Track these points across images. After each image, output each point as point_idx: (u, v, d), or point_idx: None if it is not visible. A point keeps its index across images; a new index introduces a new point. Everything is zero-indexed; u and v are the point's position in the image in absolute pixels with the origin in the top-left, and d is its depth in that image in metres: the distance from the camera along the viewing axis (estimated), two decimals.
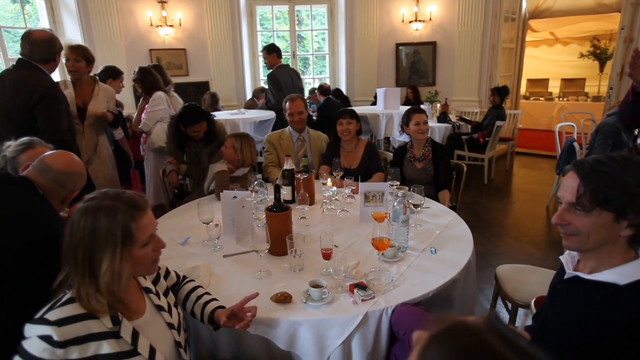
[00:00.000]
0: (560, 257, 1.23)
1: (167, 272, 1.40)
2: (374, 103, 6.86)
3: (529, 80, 10.22)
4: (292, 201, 2.37)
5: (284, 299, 1.43)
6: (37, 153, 1.63)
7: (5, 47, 6.27)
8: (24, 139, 1.75)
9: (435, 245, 1.85)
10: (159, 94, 3.62)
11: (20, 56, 2.60)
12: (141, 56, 6.69)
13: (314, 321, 1.35)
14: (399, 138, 4.81)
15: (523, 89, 9.30)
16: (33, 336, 0.97)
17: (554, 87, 10.24)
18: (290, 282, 1.57)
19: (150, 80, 3.67)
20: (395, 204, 1.83)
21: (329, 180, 2.50)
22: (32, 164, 1.48)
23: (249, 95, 7.32)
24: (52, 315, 0.98)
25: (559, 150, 4.32)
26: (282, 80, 4.73)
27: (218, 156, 2.85)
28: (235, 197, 1.97)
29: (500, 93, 5.48)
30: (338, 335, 1.36)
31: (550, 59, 10.43)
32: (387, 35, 7.39)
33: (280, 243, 1.69)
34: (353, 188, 2.31)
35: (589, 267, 1.10)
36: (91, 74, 3.26)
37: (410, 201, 2.01)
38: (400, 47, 7.44)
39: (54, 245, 1.36)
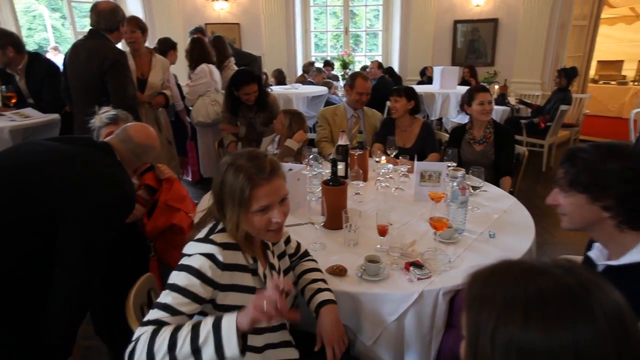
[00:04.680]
0: (589, 254, 1.23)
1: (288, 239, 1.42)
2: (420, 82, 6.63)
3: (599, 62, 9.37)
4: (345, 177, 2.36)
5: (339, 271, 1.44)
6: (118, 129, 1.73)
7: (75, 21, 6.63)
8: (112, 113, 1.85)
9: (493, 230, 1.79)
10: (202, 67, 3.59)
11: (90, 26, 2.74)
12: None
13: (368, 295, 1.35)
14: (454, 119, 4.64)
15: (592, 72, 8.57)
16: (196, 254, 1.07)
17: (629, 70, 9.32)
18: (344, 255, 1.58)
19: (197, 52, 3.65)
20: (455, 184, 1.77)
21: (383, 157, 2.47)
22: (116, 132, 1.57)
23: (299, 71, 7.31)
24: (217, 238, 1.10)
25: (632, 139, 3.98)
26: None
27: (271, 130, 2.89)
28: (290, 169, 1.99)
29: (567, 75, 5.10)
30: (392, 312, 1.36)
31: (626, 38, 9.48)
32: (445, 12, 7.04)
33: (335, 217, 1.69)
34: (409, 167, 2.26)
35: (614, 255, 1.11)
36: (146, 43, 3.36)
37: (469, 183, 1.95)
38: (458, 25, 7.08)
39: (125, 208, 1.44)
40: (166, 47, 3.79)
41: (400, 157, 2.43)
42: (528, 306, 0.53)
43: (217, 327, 0.93)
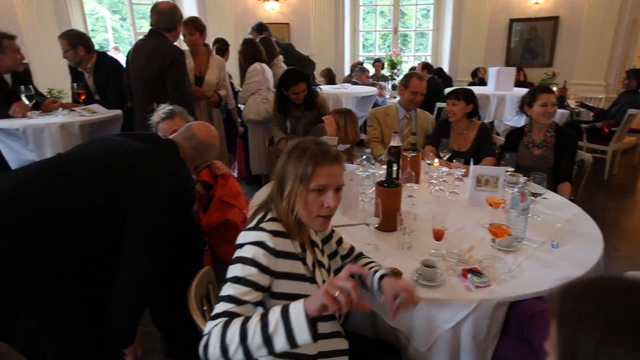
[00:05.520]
0: None
1: (341, 241, 1.42)
2: (472, 83, 6.41)
3: None
4: (396, 178, 2.32)
5: (394, 274, 1.42)
6: (175, 124, 1.80)
7: (135, 22, 6.98)
8: (168, 108, 1.93)
9: (556, 239, 1.69)
10: (254, 66, 3.66)
11: (150, 26, 2.88)
12: (247, 31, 6.96)
13: (427, 300, 1.31)
14: (509, 122, 4.45)
15: None
16: (247, 244, 1.09)
17: None
18: (397, 258, 1.55)
19: (250, 52, 3.74)
20: (515, 190, 1.69)
21: (435, 160, 2.41)
22: (180, 130, 1.63)
23: (347, 71, 7.30)
24: (267, 226, 1.13)
25: None
26: None
27: (319, 131, 2.89)
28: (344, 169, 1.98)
29: (638, 76, 4.73)
30: (449, 319, 1.32)
31: None
32: (501, 10, 6.77)
33: (389, 219, 1.67)
34: (464, 171, 2.19)
35: None
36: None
37: (529, 189, 1.85)
38: (515, 23, 6.78)
39: (186, 204, 1.49)
40: (224, 46, 3.93)
41: (454, 161, 2.37)
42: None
43: (285, 315, 0.93)
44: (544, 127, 2.56)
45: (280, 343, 0.91)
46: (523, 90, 4.62)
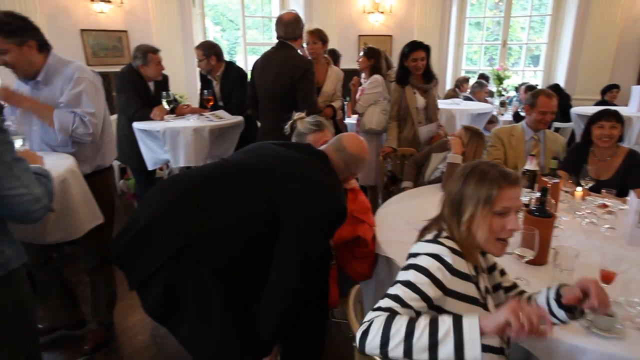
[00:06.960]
0: None
1: (504, 272, 1.35)
2: (600, 103, 5.76)
3: None
4: (528, 206, 2.13)
5: None
6: (324, 135, 1.80)
7: (245, 32, 7.44)
8: (316, 119, 1.93)
9: None
10: (375, 77, 3.62)
11: (277, 39, 2.99)
12: (350, 42, 7.03)
13: (602, 354, 1.15)
14: None
15: None
16: (423, 254, 1.09)
17: None
18: None
19: (379, 61, 3.69)
20: None
21: (578, 188, 2.18)
22: (330, 141, 1.63)
23: (448, 85, 7.04)
24: (445, 242, 1.12)
25: None
26: None
27: (442, 145, 2.79)
28: None
29: None
30: None
31: None
32: (636, 21, 6.03)
33: (540, 251, 1.51)
34: (622, 207, 1.94)
35: None
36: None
37: None
38: None
39: (339, 219, 1.45)
40: (335, 57, 4.01)
41: (603, 191, 2.11)
42: None
43: (458, 325, 0.90)
44: None
45: (446, 352, 0.89)
46: None
